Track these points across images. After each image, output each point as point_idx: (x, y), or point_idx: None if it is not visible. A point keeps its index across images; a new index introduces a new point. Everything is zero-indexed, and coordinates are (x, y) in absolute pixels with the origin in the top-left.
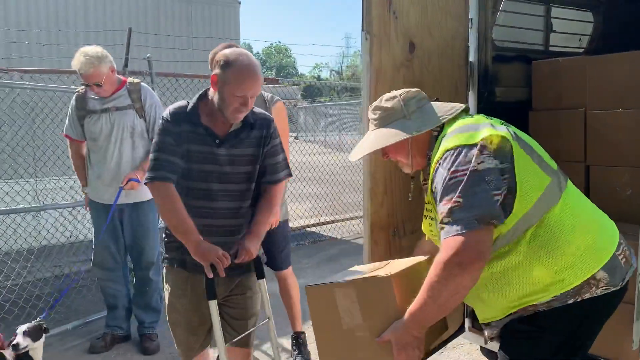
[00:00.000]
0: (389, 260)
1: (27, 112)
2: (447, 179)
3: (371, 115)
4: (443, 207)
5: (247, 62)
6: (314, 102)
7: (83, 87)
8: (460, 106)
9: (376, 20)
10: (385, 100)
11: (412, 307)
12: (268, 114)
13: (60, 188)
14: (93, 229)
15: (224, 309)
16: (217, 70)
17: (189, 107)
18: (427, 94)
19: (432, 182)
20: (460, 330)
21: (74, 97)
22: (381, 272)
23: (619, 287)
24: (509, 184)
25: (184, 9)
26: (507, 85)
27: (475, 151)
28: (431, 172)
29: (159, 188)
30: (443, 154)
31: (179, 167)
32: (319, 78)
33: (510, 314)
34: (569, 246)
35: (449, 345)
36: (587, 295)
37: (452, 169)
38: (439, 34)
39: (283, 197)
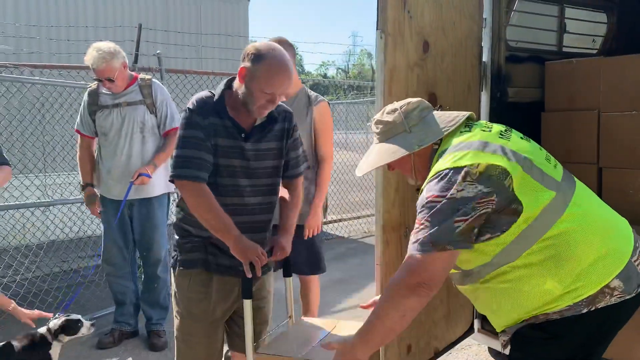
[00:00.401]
0: (336, 322)
1: (37, 107)
2: (427, 201)
3: (374, 129)
4: (415, 226)
5: (280, 58)
6: None
7: (95, 82)
8: (462, 115)
9: (391, 20)
10: (387, 113)
11: (361, 328)
12: (288, 107)
13: (69, 183)
14: (102, 225)
15: (238, 313)
16: (246, 63)
17: (216, 98)
18: (441, 93)
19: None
20: (470, 331)
21: (86, 93)
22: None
23: (634, 294)
24: (495, 205)
25: (194, 6)
26: (520, 86)
27: (459, 177)
28: (421, 189)
29: (190, 187)
30: (435, 174)
31: (209, 164)
32: (325, 76)
33: (523, 321)
34: (580, 257)
35: (458, 346)
36: (601, 305)
37: (434, 193)
38: (452, 33)
39: (325, 201)
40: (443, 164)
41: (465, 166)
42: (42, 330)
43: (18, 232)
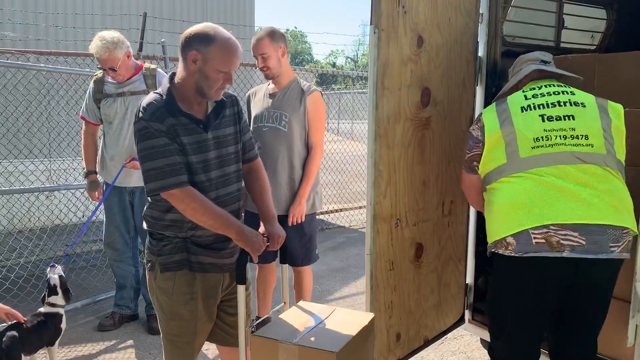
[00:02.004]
0: (334, 308)
1: (43, 94)
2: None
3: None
4: None
5: (227, 36)
6: (328, 89)
7: (101, 71)
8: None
9: (385, 15)
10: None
11: None
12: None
13: (74, 169)
14: (104, 210)
15: (223, 309)
16: (196, 47)
17: (165, 98)
18: (435, 88)
19: None
20: (460, 321)
21: (92, 81)
22: (328, 344)
23: (518, 255)
24: (481, 148)
25: None
26: None
27: (476, 119)
28: None
29: (179, 195)
30: None
31: (183, 165)
32: (334, 65)
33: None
34: (495, 210)
35: (450, 335)
36: (500, 251)
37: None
38: (448, 29)
39: (317, 187)
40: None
41: (480, 115)
42: (46, 309)
43: (23, 215)
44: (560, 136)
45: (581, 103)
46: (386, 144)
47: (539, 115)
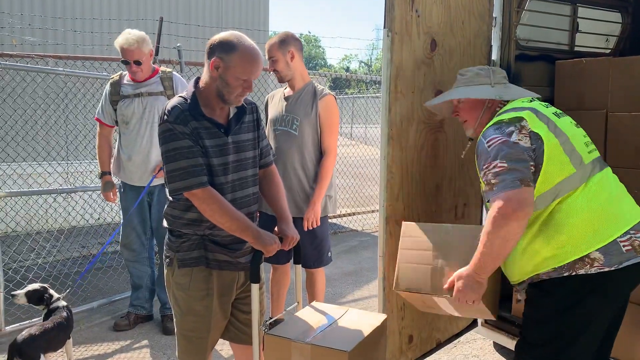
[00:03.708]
0: (347, 308)
1: (61, 97)
2: (491, 145)
3: (459, 76)
4: (489, 174)
5: (250, 45)
6: (342, 94)
7: (118, 73)
8: (533, 95)
9: (398, 18)
10: (478, 68)
11: (473, 259)
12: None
13: (91, 171)
14: (121, 211)
15: (237, 307)
16: (218, 54)
17: (189, 102)
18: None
19: (476, 153)
20: (473, 325)
21: (108, 83)
22: (340, 344)
23: (613, 268)
24: (536, 161)
25: None
26: (530, 85)
27: (514, 128)
28: (474, 148)
29: (200, 195)
30: (494, 123)
31: (205, 167)
32: (347, 69)
33: (524, 280)
34: (569, 228)
35: (462, 339)
36: (581, 272)
37: (492, 137)
38: (461, 32)
39: (332, 192)
40: (500, 117)
41: (518, 119)
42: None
43: (41, 217)
44: (588, 143)
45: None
46: (399, 146)
47: (571, 122)
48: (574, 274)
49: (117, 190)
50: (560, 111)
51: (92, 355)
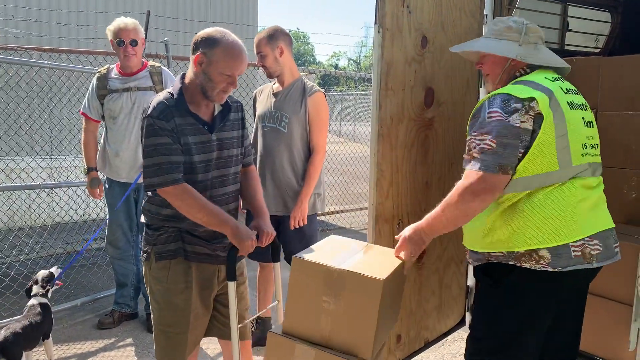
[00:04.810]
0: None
1: (45, 91)
2: (487, 117)
3: (491, 25)
4: (475, 143)
5: (233, 40)
6: (330, 91)
7: (105, 67)
8: (562, 64)
9: (389, 15)
10: (512, 20)
11: (427, 217)
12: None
13: (75, 166)
14: (107, 207)
15: (220, 301)
16: (201, 50)
17: (175, 98)
18: (439, 89)
19: (474, 113)
20: (461, 323)
21: (95, 77)
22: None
23: (557, 270)
24: (529, 144)
25: None
26: None
27: (520, 107)
28: (477, 105)
29: (174, 192)
30: (500, 93)
31: (181, 164)
32: (336, 67)
33: (477, 252)
34: (530, 219)
35: (450, 337)
36: (526, 265)
37: (495, 110)
38: (452, 30)
39: (320, 189)
40: (513, 89)
41: (529, 99)
42: (40, 300)
43: (24, 212)
44: (591, 145)
45: (587, 106)
46: (389, 144)
47: (582, 118)
48: (519, 265)
49: (103, 186)
50: (580, 102)
51: (75, 354)
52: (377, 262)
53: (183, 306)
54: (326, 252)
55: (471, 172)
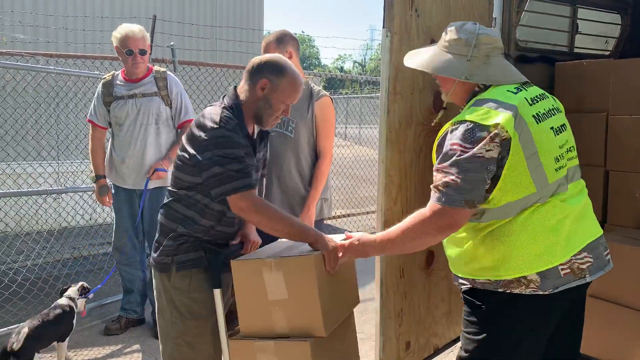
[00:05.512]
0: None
1: (52, 96)
2: (450, 149)
3: (444, 35)
4: (440, 175)
5: (296, 71)
6: (336, 94)
7: (110, 73)
8: (521, 78)
9: (398, 18)
10: (464, 30)
11: (382, 236)
12: None
13: (82, 171)
14: (113, 213)
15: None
16: (268, 75)
17: (237, 118)
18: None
19: (439, 142)
20: None
21: (100, 84)
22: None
23: (547, 292)
24: (497, 173)
25: None
26: None
27: (486, 135)
28: (440, 133)
29: (260, 205)
30: (462, 121)
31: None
32: (341, 69)
33: (462, 277)
34: (512, 245)
35: (459, 345)
36: (515, 291)
37: (458, 142)
38: None
39: (327, 194)
40: (476, 114)
41: (493, 127)
42: (69, 302)
43: (31, 218)
44: (565, 152)
45: (558, 108)
46: (397, 149)
47: (550, 128)
48: (508, 291)
49: (111, 193)
50: (548, 108)
51: None
52: (309, 248)
53: (206, 315)
54: (263, 251)
55: (436, 205)
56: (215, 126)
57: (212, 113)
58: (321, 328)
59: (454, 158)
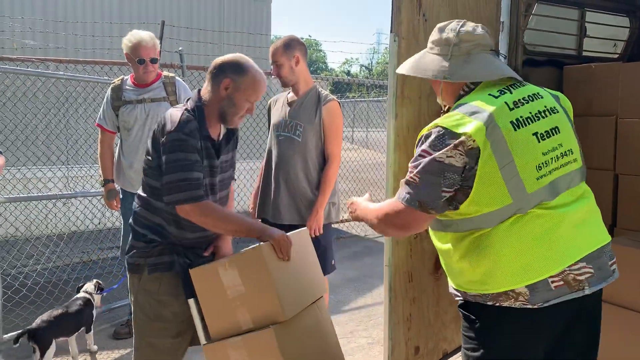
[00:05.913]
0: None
1: (61, 102)
2: (419, 152)
3: (430, 35)
4: (409, 170)
5: (258, 70)
6: (342, 97)
7: (119, 78)
8: (504, 73)
9: (405, 23)
10: (447, 27)
11: (370, 208)
12: None
13: (91, 176)
14: (121, 217)
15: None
16: (230, 75)
17: (198, 120)
18: None
19: (416, 143)
20: None
21: (109, 88)
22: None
23: (536, 306)
24: (468, 183)
25: (217, 3)
26: None
27: (451, 143)
28: (418, 136)
29: (204, 208)
30: (433, 128)
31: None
32: (348, 73)
33: (455, 290)
34: (497, 258)
35: None
36: (505, 304)
37: (426, 148)
38: None
39: (335, 198)
40: (450, 120)
41: (461, 135)
42: (86, 295)
43: (40, 222)
44: (555, 157)
45: (553, 108)
46: (405, 153)
47: (533, 134)
48: (497, 305)
49: (119, 197)
50: (535, 111)
51: None
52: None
53: (172, 318)
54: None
55: (396, 202)
56: (172, 129)
57: (173, 115)
58: (280, 312)
59: (418, 160)
